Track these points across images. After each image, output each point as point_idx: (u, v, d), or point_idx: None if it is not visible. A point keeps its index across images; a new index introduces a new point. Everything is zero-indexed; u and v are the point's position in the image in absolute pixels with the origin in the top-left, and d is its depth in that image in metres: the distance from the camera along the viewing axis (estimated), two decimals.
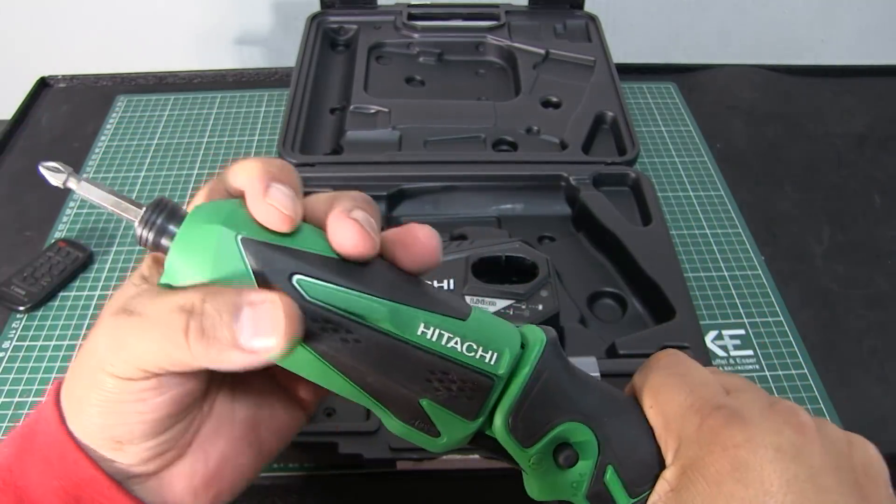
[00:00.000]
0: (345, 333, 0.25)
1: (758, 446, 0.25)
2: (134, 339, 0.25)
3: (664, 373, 0.29)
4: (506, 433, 0.27)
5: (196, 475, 0.29)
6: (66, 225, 0.67)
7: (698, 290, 0.62)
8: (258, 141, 0.77)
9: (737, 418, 0.26)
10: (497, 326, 0.28)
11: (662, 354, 0.31)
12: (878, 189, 0.74)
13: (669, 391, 0.28)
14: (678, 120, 0.81)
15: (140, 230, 0.26)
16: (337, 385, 0.27)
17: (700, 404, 0.27)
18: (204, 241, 0.25)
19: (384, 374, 0.26)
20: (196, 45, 1.20)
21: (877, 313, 0.62)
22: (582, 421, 0.27)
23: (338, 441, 0.46)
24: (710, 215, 0.70)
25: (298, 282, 0.25)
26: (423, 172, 0.65)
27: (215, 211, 0.26)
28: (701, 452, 0.26)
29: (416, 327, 0.26)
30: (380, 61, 0.81)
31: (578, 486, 0.28)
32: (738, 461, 0.25)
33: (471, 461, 0.47)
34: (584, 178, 0.65)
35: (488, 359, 0.26)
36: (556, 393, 0.27)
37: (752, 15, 1.21)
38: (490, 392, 0.27)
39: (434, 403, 0.26)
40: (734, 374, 0.31)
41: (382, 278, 0.26)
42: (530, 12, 0.85)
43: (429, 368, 0.26)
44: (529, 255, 0.54)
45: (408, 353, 0.26)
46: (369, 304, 0.25)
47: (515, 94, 0.76)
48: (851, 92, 0.86)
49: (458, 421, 0.27)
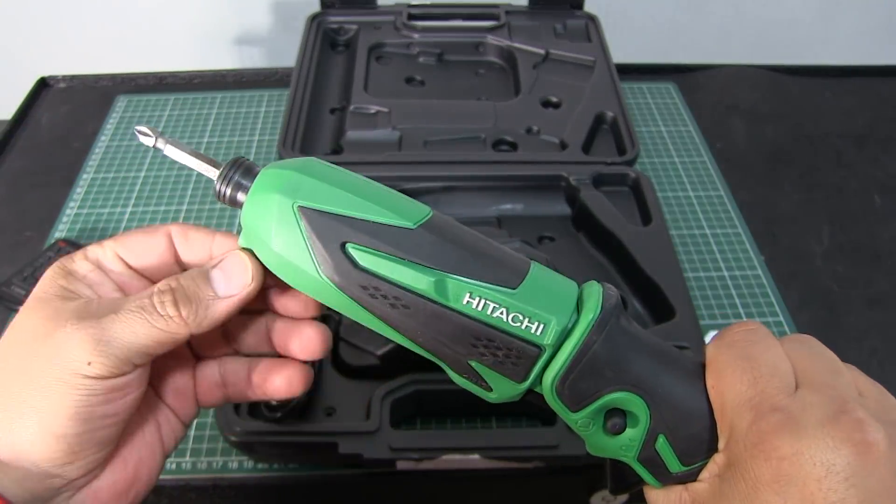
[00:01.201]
0: (393, 300, 0.27)
1: (805, 462, 0.23)
2: (121, 331, 0.27)
3: (734, 352, 0.27)
4: (553, 398, 0.27)
5: (119, 481, 0.29)
6: (66, 225, 0.67)
7: (698, 290, 0.62)
8: (258, 141, 0.77)
9: (789, 427, 0.24)
10: (551, 293, 0.27)
11: (739, 327, 0.28)
12: (878, 189, 0.74)
13: (732, 376, 0.26)
14: (678, 120, 0.81)
15: (219, 185, 0.29)
16: (397, 338, 0.28)
17: (758, 400, 0.25)
18: (266, 209, 0.27)
19: (433, 336, 0.27)
20: (196, 45, 1.20)
21: (877, 313, 0.62)
22: (633, 391, 0.27)
23: (338, 441, 0.46)
24: (710, 215, 0.70)
25: (349, 249, 0.26)
26: (423, 172, 0.65)
27: (280, 176, 0.27)
28: (745, 454, 0.25)
29: (461, 297, 0.26)
30: (380, 61, 0.81)
31: (628, 450, 0.28)
32: (781, 473, 0.23)
33: (471, 461, 0.47)
34: (584, 178, 0.65)
35: (534, 329, 0.26)
36: (608, 363, 0.27)
37: (752, 15, 1.21)
38: (536, 360, 0.27)
39: (482, 365, 0.27)
40: (822, 356, 0.27)
41: (432, 245, 0.27)
42: (530, 12, 0.85)
43: (474, 335, 0.27)
44: (529, 255, 0.54)
45: (453, 320, 0.27)
46: (414, 274, 0.26)
47: (515, 94, 0.76)
48: (851, 92, 0.86)
49: (506, 381, 0.28)
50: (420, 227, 0.27)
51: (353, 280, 0.26)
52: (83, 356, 0.26)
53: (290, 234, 0.27)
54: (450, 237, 0.27)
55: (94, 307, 0.28)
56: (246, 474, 0.50)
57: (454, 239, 0.27)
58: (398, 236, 0.27)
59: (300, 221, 0.27)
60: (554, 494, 0.50)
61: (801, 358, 0.27)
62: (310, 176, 0.27)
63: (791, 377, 0.26)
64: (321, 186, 0.27)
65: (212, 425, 0.52)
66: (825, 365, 0.27)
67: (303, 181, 0.27)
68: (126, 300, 0.28)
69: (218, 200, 0.29)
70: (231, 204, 0.29)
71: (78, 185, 0.71)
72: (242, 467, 0.50)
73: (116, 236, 0.31)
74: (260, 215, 0.27)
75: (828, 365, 0.27)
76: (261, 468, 0.50)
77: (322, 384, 0.52)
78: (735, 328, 0.28)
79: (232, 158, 0.29)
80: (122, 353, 0.27)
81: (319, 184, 0.27)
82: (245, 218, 0.28)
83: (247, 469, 0.50)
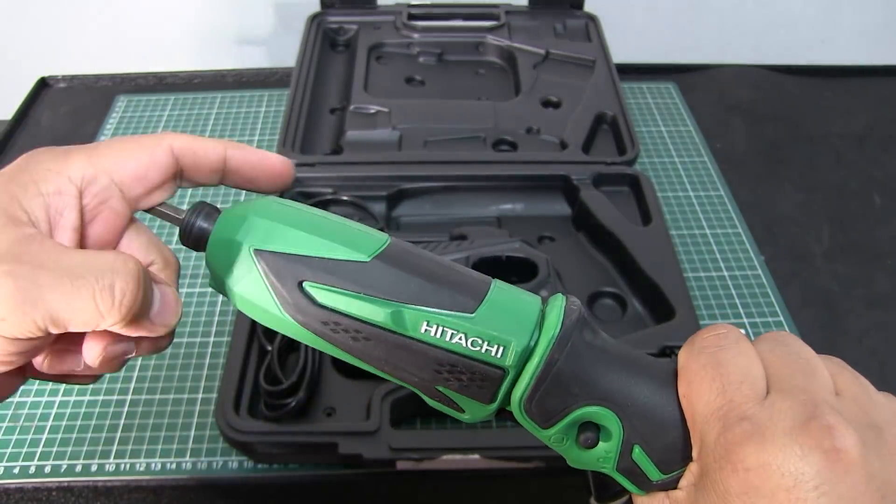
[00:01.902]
0: (354, 333, 0.27)
1: (773, 473, 0.23)
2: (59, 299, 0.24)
3: (704, 358, 0.26)
4: (522, 416, 0.27)
5: None
6: None
7: (698, 290, 0.62)
8: (258, 141, 0.77)
9: (756, 437, 0.23)
10: (509, 314, 0.27)
11: (709, 331, 0.28)
12: (878, 189, 0.74)
13: (701, 385, 0.26)
14: (678, 120, 0.81)
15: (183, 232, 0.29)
16: (365, 366, 0.28)
17: (726, 410, 0.25)
18: (227, 252, 0.28)
19: (397, 366, 0.27)
20: (196, 45, 1.20)
21: (877, 313, 0.62)
22: (602, 405, 0.27)
23: (338, 441, 0.46)
24: (710, 215, 0.70)
25: (307, 287, 0.27)
26: (423, 172, 0.65)
27: (234, 222, 0.28)
28: (714, 465, 0.24)
29: (419, 326, 0.27)
30: (380, 61, 0.81)
31: (605, 462, 0.28)
32: (749, 485, 0.23)
33: (471, 461, 0.47)
34: (584, 178, 0.65)
35: (494, 352, 0.27)
36: (573, 379, 0.27)
37: (752, 15, 1.21)
38: (501, 382, 0.27)
39: (449, 390, 0.28)
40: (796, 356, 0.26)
41: (387, 277, 0.27)
42: (530, 12, 0.85)
43: (437, 362, 0.27)
44: (529, 255, 0.55)
45: (414, 349, 0.27)
46: (371, 307, 0.27)
47: (515, 94, 0.76)
48: (851, 92, 0.86)
49: (476, 403, 0.28)
50: (375, 259, 0.27)
51: (314, 317, 0.27)
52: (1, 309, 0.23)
53: (250, 276, 0.27)
54: (406, 267, 0.28)
55: (35, 249, 0.25)
56: (246, 474, 0.50)
57: (410, 268, 0.28)
58: (353, 271, 0.27)
59: (258, 264, 0.27)
60: (554, 494, 0.50)
61: (774, 360, 0.26)
62: (264, 218, 0.28)
63: (762, 382, 0.25)
64: (276, 228, 0.28)
65: (212, 425, 0.52)
66: (799, 365, 0.26)
67: (257, 224, 0.28)
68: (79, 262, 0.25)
69: (183, 244, 0.29)
70: (195, 248, 0.29)
71: None
72: (242, 467, 0.50)
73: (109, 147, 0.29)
74: (220, 260, 0.28)
75: (802, 365, 0.26)
76: (261, 468, 0.50)
77: (322, 384, 0.52)
78: (705, 332, 0.28)
79: (194, 204, 0.29)
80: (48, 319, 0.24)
81: (274, 225, 0.28)
82: (208, 262, 0.29)
83: (247, 469, 0.50)
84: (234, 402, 0.48)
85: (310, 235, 0.28)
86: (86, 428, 0.52)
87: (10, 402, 0.53)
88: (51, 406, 0.53)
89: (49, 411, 0.52)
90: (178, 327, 0.59)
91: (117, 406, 0.53)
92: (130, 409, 0.53)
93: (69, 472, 0.49)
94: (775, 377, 0.26)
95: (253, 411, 0.49)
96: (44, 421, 0.52)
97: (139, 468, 0.49)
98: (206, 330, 0.58)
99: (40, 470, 0.49)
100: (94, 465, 0.50)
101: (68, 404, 0.53)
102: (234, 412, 0.48)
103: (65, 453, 0.50)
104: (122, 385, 0.54)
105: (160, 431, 0.51)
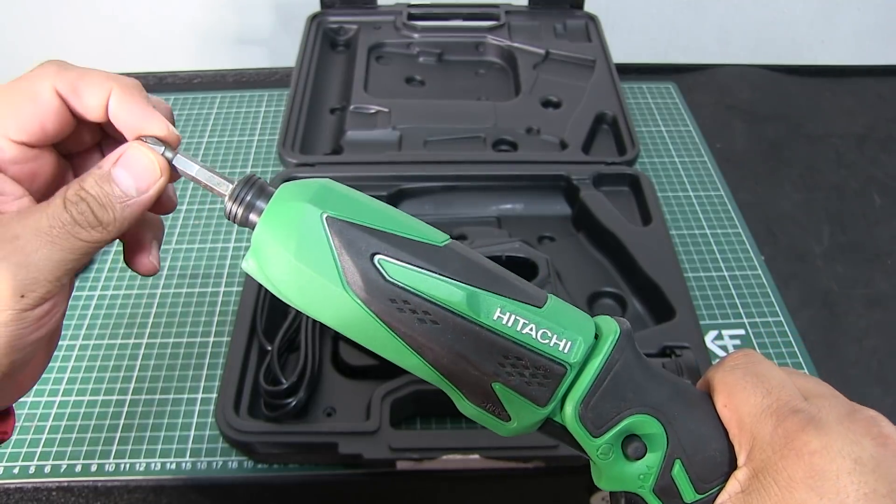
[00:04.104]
0: (422, 314, 0.26)
1: (835, 455, 0.24)
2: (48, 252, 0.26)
3: (740, 372, 0.28)
4: (576, 421, 0.27)
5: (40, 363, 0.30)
6: None
7: (698, 290, 0.62)
8: (258, 141, 0.77)
9: (814, 424, 0.25)
10: (572, 315, 0.28)
11: (739, 353, 0.30)
12: (878, 189, 0.74)
13: (745, 391, 0.27)
14: (678, 120, 0.81)
15: (229, 205, 0.27)
16: (411, 364, 0.27)
17: (777, 406, 0.26)
18: (290, 218, 0.26)
19: (459, 355, 0.26)
20: (196, 45, 1.20)
21: (877, 313, 0.62)
22: (652, 414, 0.27)
23: (338, 441, 0.46)
24: (710, 215, 0.70)
25: (379, 261, 0.26)
26: (423, 172, 0.65)
27: (303, 189, 0.27)
28: (775, 457, 0.25)
29: (492, 312, 0.26)
30: (380, 61, 0.81)
31: (645, 479, 0.28)
32: (814, 469, 0.24)
33: (471, 461, 0.47)
34: (584, 178, 0.65)
35: (562, 346, 0.27)
36: (628, 384, 0.27)
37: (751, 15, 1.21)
38: (562, 379, 0.27)
39: (506, 387, 0.27)
40: (813, 378, 0.29)
41: (461, 261, 0.27)
42: (530, 12, 0.85)
43: (503, 353, 0.26)
44: (529, 255, 0.54)
45: (483, 337, 0.26)
46: (447, 287, 0.26)
47: (515, 94, 0.76)
48: (851, 92, 0.86)
49: (528, 406, 0.27)
50: (446, 247, 0.27)
51: (382, 293, 0.26)
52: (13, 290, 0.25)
53: (316, 245, 0.26)
54: (475, 259, 0.28)
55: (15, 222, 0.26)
56: (246, 474, 0.50)
57: (479, 261, 0.28)
58: (429, 251, 0.26)
59: (328, 232, 0.26)
60: (554, 494, 0.50)
61: (797, 378, 0.29)
62: (337, 189, 0.27)
63: (797, 388, 0.27)
64: (349, 200, 0.27)
65: (212, 425, 0.52)
66: (820, 382, 0.29)
67: (330, 193, 0.27)
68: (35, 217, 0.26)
69: (227, 218, 0.28)
70: (242, 223, 0.28)
71: None
72: (242, 467, 0.50)
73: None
74: (282, 227, 0.26)
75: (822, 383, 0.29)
76: (261, 468, 0.50)
77: (322, 384, 0.52)
78: (734, 354, 0.30)
79: (244, 176, 0.28)
80: (52, 275, 0.26)
81: (346, 198, 0.27)
82: (261, 233, 0.27)
83: (247, 469, 0.50)
84: (234, 402, 0.48)
85: (383, 213, 0.27)
86: (86, 428, 0.52)
87: None
88: (50, 406, 0.53)
89: (49, 411, 0.52)
90: (179, 327, 0.60)
91: (117, 406, 0.53)
92: (130, 409, 0.53)
93: (69, 472, 0.49)
94: (804, 388, 0.28)
95: (253, 411, 0.49)
96: (44, 421, 0.52)
97: (139, 468, 0.49)
98: (206, 330, 0.58)
99: (40, 470, 0.49)
100: (94, 465, 0.50)
101: (68, 404, 0.53)
102: (234, 412, 0.48)
103: (65, 453, 0.50)
104: (122, 385, 0.54)
105: (160, 431, 0.51)
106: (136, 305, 0.60)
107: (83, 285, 0.61)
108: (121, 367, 0.55)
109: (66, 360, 0.56)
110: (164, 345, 0.57)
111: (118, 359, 0.56)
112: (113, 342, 0.57)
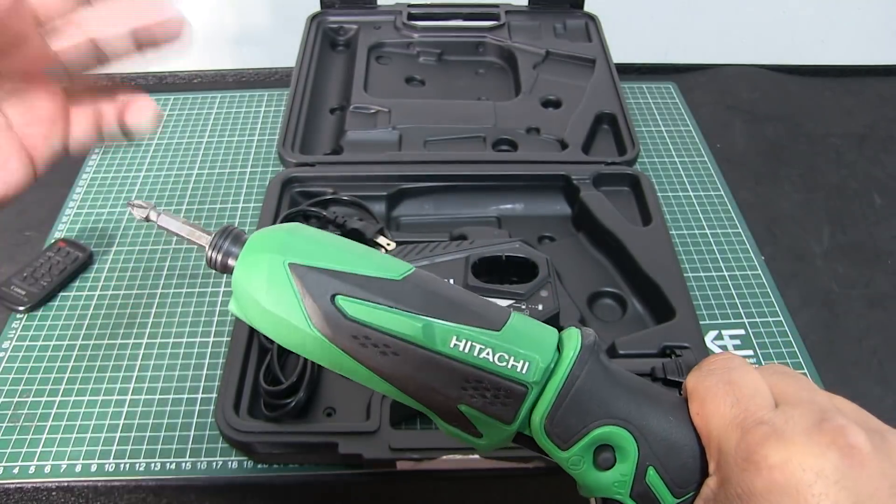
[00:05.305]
0: (383, 347, 0.27)
1: (795, 468, 0.24)
2: None
3: (714, 379, 0.28)
4: (543, 436, 0.28)
5: None
6: (66, 225, 0.67)
7: (698, 290, 0.62)
8: (258, 141, 0.77)
9: (776, 436, 0.25)
10: (531, 334, 0.29)
11: (716, 357, 0.30)
12: (878, 189, 0.74)
13: (715, 400, 0.27)
14: (678, 120, 0.81)
15: (210, 253, 0.30)
16: (384, 389, 0.29)
17: (743, 417, 0.26)
18: (258, 268, 0.28)
19: (422, 383, 0.28)
20: (196, 45, 1.20)
21: (877, 313, 0.62)
22: (619, 424, 0.28)
23: (338, 441, 0.46)
24: (710, 215, 0.70)
25: (339, 301, 0.27)
26: (423, 172, 0.65)
27: (270, 239, 0.29)
28: (737, 469, 0.25)
29: (448, 340, 0.27)
30: (380, 61, 0.81)
31: (621, 486, 0.28)
32: (773, 483, 0.24)
33: (471, 461, 0.47)
34: (584, 178, 0.65)
35: (520, 368, 0.27)
36: (592, 397, 0.28)
37: (751, 15, 1.21)
38: (524, 398, 0.28)
39: (472, 408, 0.28)
40: (795, 379, 0.28)
41: (418, 293, 0.28)
42: (530, 12, 0.85)
43: (464, 377, 0.28)
44: (529, 255, 0.54)
45: (442, 364, 0.27)
46: (403, 321, 0.27)
47: (515, 94, 0.76)
48: (851, 92, 0.86)
49: (496, 424, 0.28)
50: (404, 280, 0.28)
51: (344, 331, 0.27)
52: None
53: (281, 290, 0.28)
54: (433, 289, 0.29)
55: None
56: (246, 474, 0.50)
57: (437, 290, 0.29)
58: (385, 288, 0.28)
59: (291, 277, 0.28)
60: (554, 494, 0.50)
61: (776, 380, 0.28)
62: (298, 236, 0.29)
63: (770, 397, 0.27)
64: (312, 244, 0.29)
65: (212, 425, 0.52)
66: (801, 384, 0.28)
67: (292, 240, 0.29)
68: None
69: (209, 267, 0.30)
70: (222, 270, 0.30)
71: (78, 185, 0.71)
72: (242, 467, 0.50)
73: None
74: (251, 275, 0.28)
75: (804, 383, 0.28)
76: (261, 468, 0.50)
77: (322, 384, 0.52)
78: (711, 358, 0.30)
79: (220, 227, 0.30)
80: None
81: (308, 243, 0.29)
82: (236, 281, 0.29)
83: (247, 469, 0.50)
84: (234, 402, 0.48)
85: (343, 253, 0.29)
86: (86, 428, 0.52)
87: (10, 402, 0.53)
88: (50, 406, 0.53)
89: (49, 411, 0.52)
90: (179, 327, 0.60)
91: (117, 406, 0.53)
92: (130, 409, 0.53)
93: (69, 472, 0.49)
94: (781, 394, 0.27)
95: (253, 411, 0.49)
96: (44, 421, 0.52)
97: (139, 468, 0.49)
98: (205, 330, 0.58)
99: (40, 470, 0.49)
100: (93, 465, 0.50)
101: (68, 404, 0.53)
102: (234, 412, 0.48)
103: (65, 453, 0.50)
104: (122, 385, 0.54)
105: (160, 431, 0.51)
106: (136, 305, 0.60)
107: (83, 285, 0.61)
108: (121, 367, 0.55)
109: (66, 360, 0.56)
110: (163, 345, 0.57)
111: (118, 359, 0.56)
112: (113, 342, 0.57)
